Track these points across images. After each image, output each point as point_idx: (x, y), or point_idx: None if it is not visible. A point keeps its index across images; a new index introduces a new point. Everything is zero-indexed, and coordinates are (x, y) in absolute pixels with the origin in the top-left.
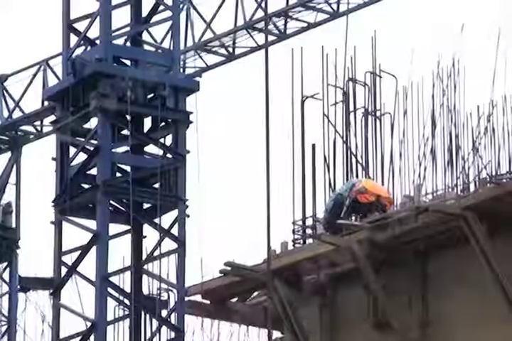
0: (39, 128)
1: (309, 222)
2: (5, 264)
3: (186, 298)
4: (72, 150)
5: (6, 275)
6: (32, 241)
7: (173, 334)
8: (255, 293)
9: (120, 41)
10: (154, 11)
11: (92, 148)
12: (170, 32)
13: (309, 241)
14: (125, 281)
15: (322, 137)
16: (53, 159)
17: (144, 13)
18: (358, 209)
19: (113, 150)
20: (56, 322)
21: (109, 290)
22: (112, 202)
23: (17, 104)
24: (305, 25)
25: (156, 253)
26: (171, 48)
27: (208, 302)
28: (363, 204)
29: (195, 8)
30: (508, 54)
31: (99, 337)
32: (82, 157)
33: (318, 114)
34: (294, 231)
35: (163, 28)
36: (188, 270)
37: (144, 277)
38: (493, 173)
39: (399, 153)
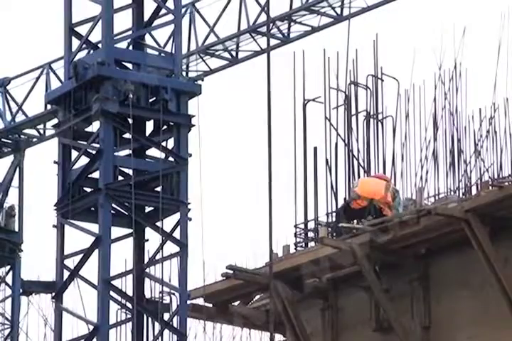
0: (42, 131)
1: (311, 225)
2: (8, 267)
3: (188, 302)
4: (75, 153)
5: (8, 279)
6: (34, 244)
7: (175, 338)
8: (257, 296)
9: (122, 45)
10: (156, 14)
11: (94, 152)
12: (172, 35)
13: (311, 244)
14: (127, 285)
15: (324, 140)
16: (55, 162)
17: (146, 16)
18: (351, 214)
19: (115, 153)
20: (58, 325)
21: (112, 293)
22: (114, 205)
23: (20, 107)
24: (309, 29)
25: (158, 256)
26: (173, 52)
27: (210, 305)
28: (355, 210)
29: (198, 12)
30: (510, 57)
31: (101, 340)
32: (84, 160)
33: (320, 117)
34: (295, 235)
35: (166, 31)
36: (190, 273)
37: (146, 280)
38: (495, 176)
39: (401, 156)
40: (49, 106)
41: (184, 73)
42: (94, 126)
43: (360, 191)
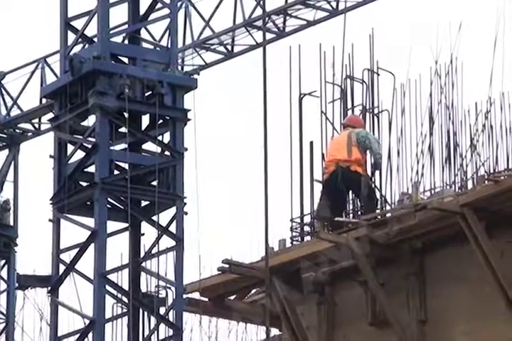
0: (37, 125)
1: (307, 219)
2: (3, 262)
3: (184, 296)
4: (70, 147)
5: (3, 273)
6: (30, 238)
7: (171, 332)
8: (253, 291)
9: (118, 39)
10: (152, 8)
11: (89, 146)
12: (168, 30)
13: (307, 238)
14: (123, 279)
15: (320, 134)
16: (51, 157)
17: (142, 11)
18: (327, 190)
19: (111, 147)
20: (54, 319)
21: (107, 287)
22: (109, 199)
23: (15, 101)
24: (304, 23)
25: (154, 250)
26: (169, 46)
27: (206, 299)
28: (327, 181)
29: (194, 6)
30: (505, 51)
31: (97, 334)
32: (79, 154)
33: (316, 112)
34: (291, 229)
35: (162, 25)
36: (186, 267)
37: (142, 274)
38: (491, 170)
39: (396, 151)
40: (44, 101)
41: (180, 67)
42: (90, 120)
43: (325, 161)
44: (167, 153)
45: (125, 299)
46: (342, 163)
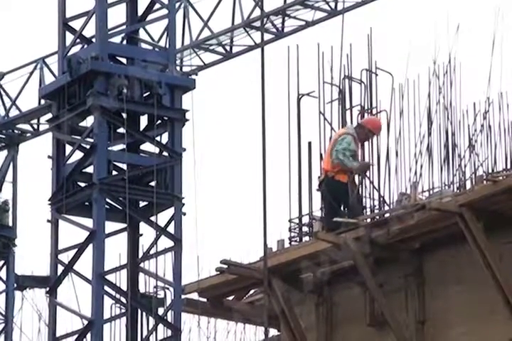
0: (36, 126)
1: (306, 219)
2: (1, 263)
3: (183, 296)
4: (69, 148)
5: (2, 274)
6: (28, 239)
7: (169, 332)
8: (252, 291)
9: (117, 39)
10: (150, 9)
11: (88, 146)
12: (166, 30)
13: (306, 239)
14: (121, 279)
15: (318, 134)
16: (49, 157)
17: (140, 11)
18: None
19: (109, 148)
20: (53, 320)
21: (106, 288)
22: (108, 200)
23: (14, 102)
24: (303, 23)
25: (153, 251)
26: (167, 46)
27: (205, 300)
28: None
29: (192, 7)
30: (504, 51)
31: (95, 335)
32: (78, 155)
33: (315, 112)
34: (290, 229)
35: (160, 26)
36: (185, 268)
37: (141, 275)
38: (490, 171)
39: (395, 151)
40: (43, 101)
41: (178, 68)
42: (88, 121)
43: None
44: (165, 153)
45: (123, 300)
46: (328, 173)
